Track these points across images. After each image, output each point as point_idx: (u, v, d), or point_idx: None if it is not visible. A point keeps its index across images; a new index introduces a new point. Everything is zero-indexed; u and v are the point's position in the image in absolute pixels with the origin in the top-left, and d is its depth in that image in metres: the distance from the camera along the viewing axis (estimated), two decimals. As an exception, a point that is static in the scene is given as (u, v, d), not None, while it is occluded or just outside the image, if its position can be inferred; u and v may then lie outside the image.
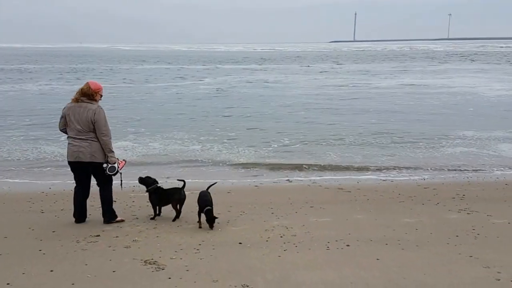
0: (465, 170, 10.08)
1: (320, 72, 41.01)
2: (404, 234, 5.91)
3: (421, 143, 12.50)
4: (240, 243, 5.63)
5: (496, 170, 10.07)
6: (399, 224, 6.36)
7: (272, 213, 6.93)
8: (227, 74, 39.07)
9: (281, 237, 5.84)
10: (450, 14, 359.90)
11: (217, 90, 26.59)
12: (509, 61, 54.07)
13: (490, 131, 13.90)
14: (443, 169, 10.15)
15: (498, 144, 12.25)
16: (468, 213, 6.83)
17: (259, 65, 53.33)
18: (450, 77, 33.01)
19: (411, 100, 21.84)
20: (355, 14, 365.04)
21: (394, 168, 10.31)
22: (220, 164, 10.75)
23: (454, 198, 7.74)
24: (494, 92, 24.04)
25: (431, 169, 10.18)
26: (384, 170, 10.13)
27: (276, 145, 12.64)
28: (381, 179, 9.40)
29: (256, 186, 8.90)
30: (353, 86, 28.62)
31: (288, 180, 9.42)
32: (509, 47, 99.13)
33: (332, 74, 37.97)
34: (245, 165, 10.68)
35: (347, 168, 10.32)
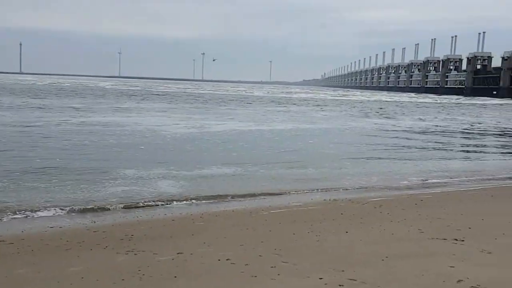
0: (135, 208, 10.06)
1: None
2: (70, 285, 5.50)
3: (83, 184, 11.81)
4: None
5: (161, 207, 10.20)
6: (63, 275, 5.89)
7: None
8: None
9: None
10: (120, 53, 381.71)
11: None
12: (196, 100, 60.85)
13: (150, 169, 14.10)
14: (88, 209, 9.82)
15: (158, 182, 12.50)
16: (135, 254, 6.86)
17: None
18: (140, 116, 33.96)
19: (94, 136, 21.49)
20: (20, 44, 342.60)
21: (62, 211, 9.61)
22: None
23: (123, 239, 7.68)
24: (174, 130, 25.49)
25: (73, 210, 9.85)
26: (44, 214, 9.37)
27: None
28: (48, 226, 8.57)
29: None
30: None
31: None
32: (199, 89, 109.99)
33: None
34: None
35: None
